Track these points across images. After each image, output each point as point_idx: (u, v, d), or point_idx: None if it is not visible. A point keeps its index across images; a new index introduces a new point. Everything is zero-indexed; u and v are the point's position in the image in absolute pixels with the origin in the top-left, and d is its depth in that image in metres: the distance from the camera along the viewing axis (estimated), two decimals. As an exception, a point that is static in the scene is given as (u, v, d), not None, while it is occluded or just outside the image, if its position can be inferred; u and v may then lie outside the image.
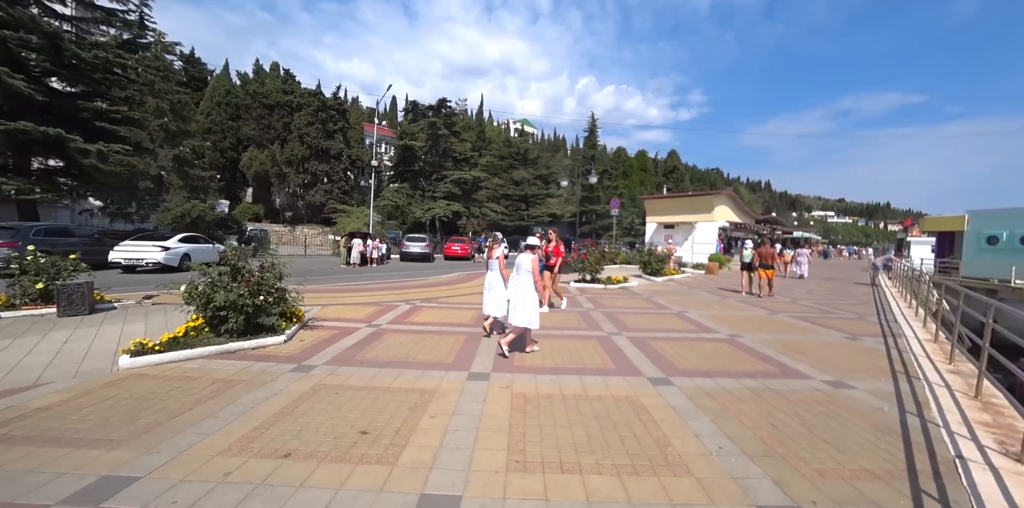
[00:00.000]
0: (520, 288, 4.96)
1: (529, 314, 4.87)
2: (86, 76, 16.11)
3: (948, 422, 3.32)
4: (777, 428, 3.15)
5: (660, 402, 3.59)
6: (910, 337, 6.61)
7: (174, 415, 3.04)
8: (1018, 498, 2.31)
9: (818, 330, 7.00)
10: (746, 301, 10.31)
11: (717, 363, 4.83)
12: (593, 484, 2.36)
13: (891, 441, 3.00)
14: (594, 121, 45.97)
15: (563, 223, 43.71)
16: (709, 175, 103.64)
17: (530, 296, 4.92)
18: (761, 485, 2.39)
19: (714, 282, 15.12)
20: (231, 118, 33.38)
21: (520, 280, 5.00)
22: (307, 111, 32.33)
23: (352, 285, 11.20)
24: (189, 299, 4.76)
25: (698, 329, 6.77)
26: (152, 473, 2.31)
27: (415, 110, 36.30)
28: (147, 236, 13.90)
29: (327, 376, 3.99)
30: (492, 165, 40.00)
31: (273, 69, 40.32)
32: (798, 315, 8.41)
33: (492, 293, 5.69)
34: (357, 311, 7.31)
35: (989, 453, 2.81)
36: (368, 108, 61.98)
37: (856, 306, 10.03)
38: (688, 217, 26.63)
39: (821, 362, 4.98)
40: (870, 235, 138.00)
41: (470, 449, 2.70)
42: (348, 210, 31.12)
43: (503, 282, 5.57)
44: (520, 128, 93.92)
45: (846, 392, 3.98)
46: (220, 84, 34.20)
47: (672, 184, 50.82)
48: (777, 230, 39.68)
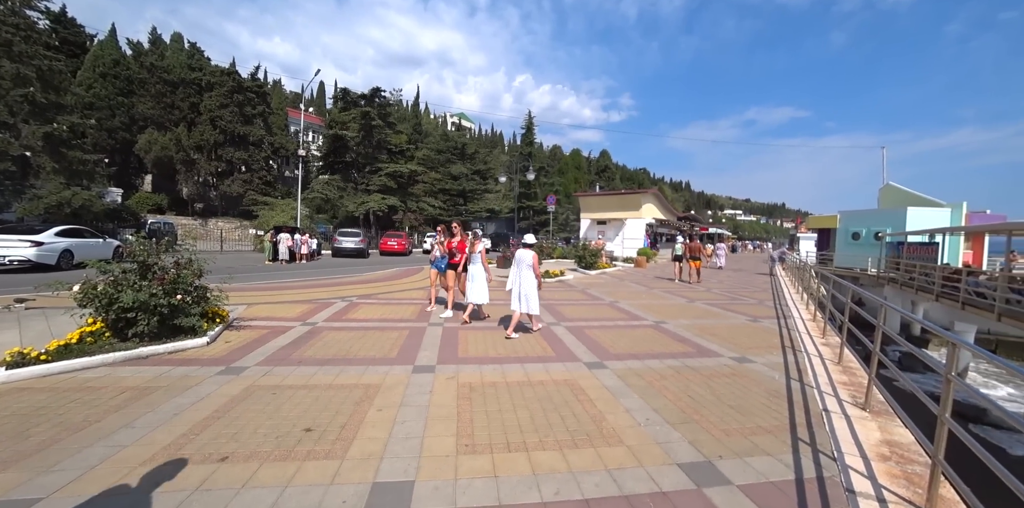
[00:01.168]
0: (523, 280, 5.70)
1: (535, 302, 5.73)
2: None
3: (819, 384, 4.06)
4: (693, 399, 3.62)
5: (596, 383, 3.92)
6: (797, 318, 7.81)
7: (76, 429, 2.71)
8: (861, 435, 2.98)
9: (727, 314, 7.98)
10: (669, 290, 11.36)
11: (645, 347, 5.35)
12: (538, 459, 2.56)
13: (779, 402, 3.60)
14: (531, 119, 46.93)
15: (501, 218, 44.20)
16: (637, 175, 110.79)
17: (533, 287, 5.72)
18: (680, 447, 2.77)
19: (642, 274, 16.37)
20: (121, 93, 28.79)
21: (522, 273, 5.73)
22: (220, 91, 28.99)
23: (281, 282, 10.43)
24: (85, 300, 4.17)
25: (628, 317, 7.37)
26: (57, 492, 2.07)
27: (346, 98, 34.15)
28: (11, 229, 11.62)
29: (261, 377, 3.77)
30: (429, 159, 39.12)
31: (175, 41, 35.40)
32: (712, 303, 9.49)
33: (474, 283, 6.40)
34: (289, 310, 6.87)
35: (845, 405, 3.52)
36: (293, 93, 57.10)
37: (757, 293, 11.54)
38: (619, 214, 28.40)
39: (729, 342, 5.73)
40: (770, 231, 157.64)
41: (420, 437, 2.77)
42: (272, 202, 28.60)
43: (485, 273, 6.41)
44: (457, 122, 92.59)
45: (747, 366, 4.65)
46: (105, 52, 29.26)
47: (604, 182, 53.64)
48: (696, 226, 43.74)
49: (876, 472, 2.51)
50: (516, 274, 5.80)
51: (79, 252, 11.73)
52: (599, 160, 61.56)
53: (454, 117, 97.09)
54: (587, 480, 2.35)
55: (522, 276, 5.73)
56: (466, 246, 6.72)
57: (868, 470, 2.53)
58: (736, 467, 2.54)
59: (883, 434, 3.01)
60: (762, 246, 63.83)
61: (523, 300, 5.67)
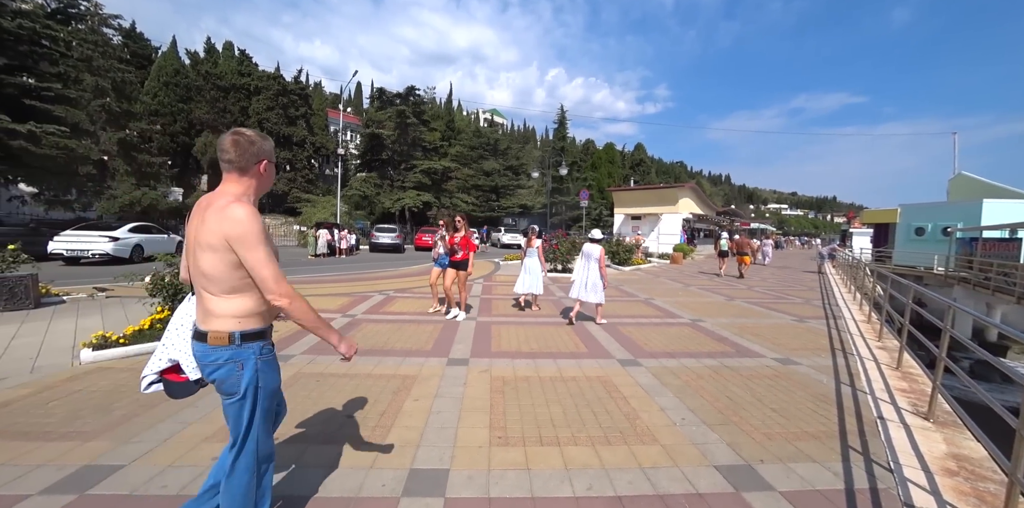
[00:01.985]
0: (591, 272, 6.09)
1: (601, 293, 6.09)
2: (8, 47, 14.61)
3: (873, 390, 3.79)
4: (732, 400, 3.49)
5: (629, 381, 3.86)
6: (848, 319, 7.31)
7: (151, 406, 3.00)
8: (923, 447, 2.75)
9: (770, 314, 7.59)
10: (707, 288, 10.95)
11: (680, 345, 5.20)
12: (570, 454, 2.57)
13: (827, 407, 3.40)
14: (564, 113, 46.30)
15: (534, 214, 44.08)
16: (674, 168, 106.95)
17: (599, 279, 6.09)
18: (718, 448, 2.69)
19: (679, 271, 15.87)
20: (181, 100, 31.09)
21: (590, 265, 6.12)
22: (266, 95, 30.66)
23: (322, 276, 10.96)
24: (154, 290, 4.58)
25: (663, 315, 7.19)
26: (137, 461, 2.31)
27: (382, 97, 35.14)
28: (92, 226, 12.91)
29: (306, 365, 4.00)
30: (462, 155, 39.55)
31: (227, 49, 37.64)
32: (753, 301, 9.06)
33: (529, 275, 6.99)
34: (330, 302, 7.22)
35: (904, 413, 3.27)
36: (332, 94, 59.31)
37: (804, 292, 10.89)
38: (654, 209, 27.60)
39: (772, 342, 5.46)
40: (819, 227, 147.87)
41: (454, 428, 2.85)
42: (313, 200, 30.01)
43: (540, 266, 7.07)
44: (490, 118, 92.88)
45: (792, 367, 4.42)
46: (168, 63, 31.66)
47: (639, 176, 52.19)
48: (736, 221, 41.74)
49: (941, 487, 2.32)
50: (584, 266, 6.18)
51: (148, 246, 12.87)
52: (634, 154, 59.89)
53: (486, 113, 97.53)
54: (620, 477, 2.33)
55: (590, 268, 6.11)
56: (469, 242, 6.23)
57: (931, 485, 2.34)
58: (779, 472, 2.43)
59: (950, 447, 2.78)
60: (810, 242, 60.07)
61: (591, 290, 6.05)
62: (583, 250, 6.33)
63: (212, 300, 1.48)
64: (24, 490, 2.03)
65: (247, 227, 1.42)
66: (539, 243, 7.18)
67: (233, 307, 1.48)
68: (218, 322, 1.47)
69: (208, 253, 1.43)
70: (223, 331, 1.47)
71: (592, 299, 6.08)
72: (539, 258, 7.10)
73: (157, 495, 2.03)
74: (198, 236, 1.46)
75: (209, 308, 1.49)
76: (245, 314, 1.49)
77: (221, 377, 1.50)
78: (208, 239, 1.43)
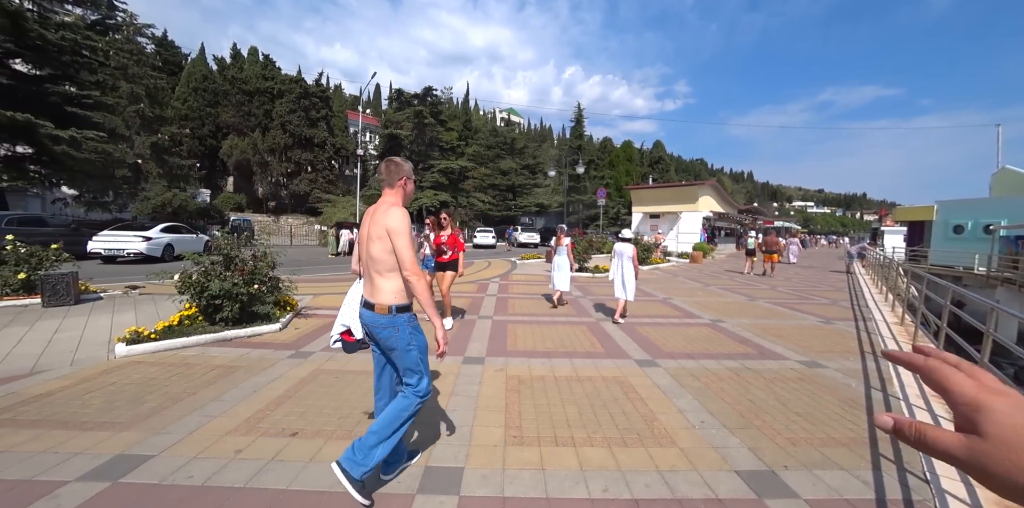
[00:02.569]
0: (625, 271, 6.23)
1: (632, 290, 6.25)
2: (53, 58, 15.39)
3: (907, 395, 3.62)
4: (754, 403, 3.38)
5: (647, 382, 3.80)
6: (879, 320, 7.00)
7: (178, 399, 3.12)
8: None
9: (795, 314, 7.34)
10: (728, 288, 10.68)
11: (700, 346, 5.08)
12: (586, 455, 2.54)
13: (856, 413, 3.26)
14: (580, 111, 45.85)
15: (551, 213, 43.89)
16: (694, 166, 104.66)
17: (633, 277, 6.25)
18: (739, 453, 2.61)
19: (698, 270, 15.53)
20: (209, 104, 32.28)
21: (623, 264, 6.26)
22: (289, 98, 31.48)
23: (343, 275, 11.18)
24: (183, 288, 4.76)
25: (682, 315, 7.04)
26: (165, 452, 2.41)
27: (400, 98, 35.59)
28: (127, 226, 13.54)
29: (326, 361, 4.08)
30: (479, 155, 39.70)
31: (252, 54, 38.90)
32: (777, 301, 8.78)
33: (559, 272, 7.18)
34: (349, 300, 7.35)
35: (941, 421, 3.11)
36: (351, 96, 60.50)
37: (831, 292, 10.49)
38: (673, 207, 27.08)
39: (796, 344, 5.28)
40: (847, 225, 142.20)
41: (469, 426, 2.85)
42: (334, 200, 30.70)
43: (569, 264, 7.26)
44: (506, 118, 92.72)
45: (818, 371, 4.26)
46: (196, 69, 32.91)
47: (657, 174, 51.30)
48: (759, 219, 40.59)
49: (982, 501, 2.19)
50: (619, 265, 6.30)
51: (178, 246, 13.40)
52: (652, 151, 58.91)
53: (503, 113, 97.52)
54: (637, 480, 2.29)
55: (624, 267, 6.24)
56: (457, 241, 5.72)
57: (972, 498, 2.21)
58: (804, 479, 2.35)
59: (989, 456, 2.62)
60: (838, 240, 57.87)
61: (625, 288, 6.19)
62: (615, 249, 6.43)
63: (378, 279, 2.07)
64: (63, 476, 2.14)
65: (400, 222, 2.01)
66: (568, 241, 7.34)
67: (391, 285, 2.06)
68: (381, 296, 2.06)
69: (376, 241, 2.03)
70: (384, 303, 2.06)
71: (627, 296, 6.25)
72: (568, 256, 7.30)
73: (184, 485, 2.11)
74: (370, 231, 2.06)
75: (376, 285, 2.08)
76: (398, 291, 2.06)
77: (383, 336, 2.09)
78: (377, 231, 2.03)
